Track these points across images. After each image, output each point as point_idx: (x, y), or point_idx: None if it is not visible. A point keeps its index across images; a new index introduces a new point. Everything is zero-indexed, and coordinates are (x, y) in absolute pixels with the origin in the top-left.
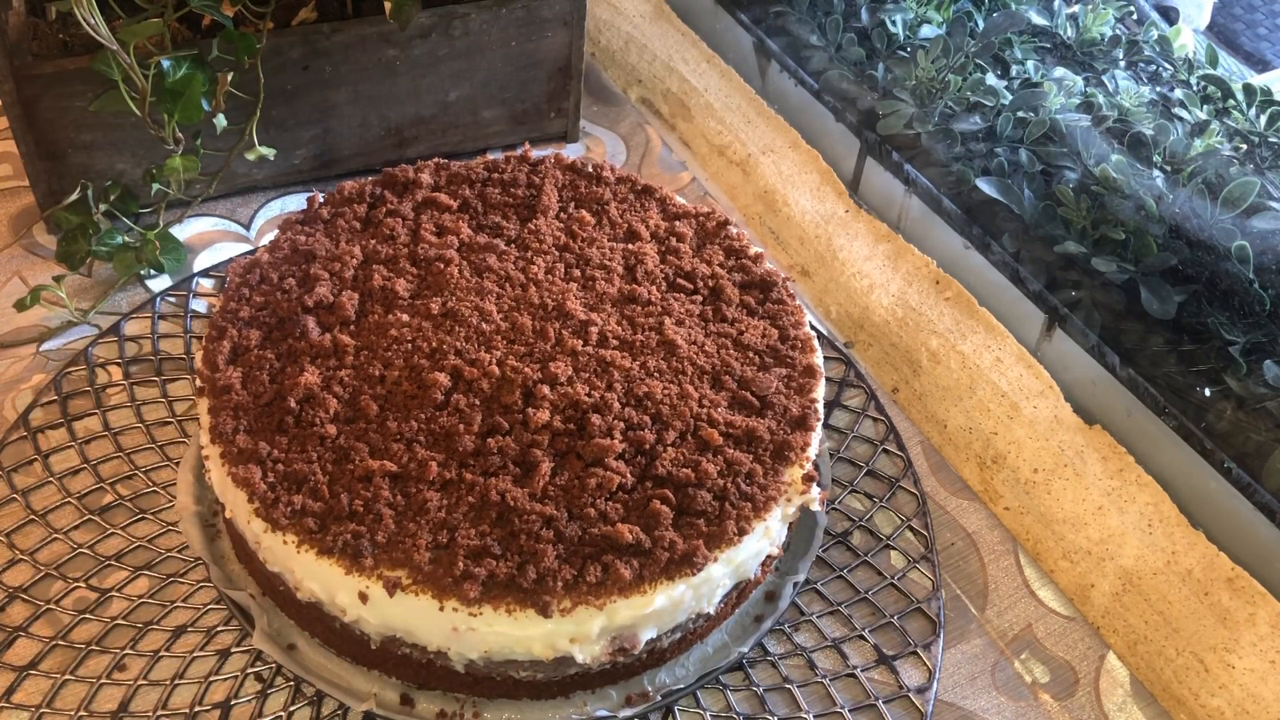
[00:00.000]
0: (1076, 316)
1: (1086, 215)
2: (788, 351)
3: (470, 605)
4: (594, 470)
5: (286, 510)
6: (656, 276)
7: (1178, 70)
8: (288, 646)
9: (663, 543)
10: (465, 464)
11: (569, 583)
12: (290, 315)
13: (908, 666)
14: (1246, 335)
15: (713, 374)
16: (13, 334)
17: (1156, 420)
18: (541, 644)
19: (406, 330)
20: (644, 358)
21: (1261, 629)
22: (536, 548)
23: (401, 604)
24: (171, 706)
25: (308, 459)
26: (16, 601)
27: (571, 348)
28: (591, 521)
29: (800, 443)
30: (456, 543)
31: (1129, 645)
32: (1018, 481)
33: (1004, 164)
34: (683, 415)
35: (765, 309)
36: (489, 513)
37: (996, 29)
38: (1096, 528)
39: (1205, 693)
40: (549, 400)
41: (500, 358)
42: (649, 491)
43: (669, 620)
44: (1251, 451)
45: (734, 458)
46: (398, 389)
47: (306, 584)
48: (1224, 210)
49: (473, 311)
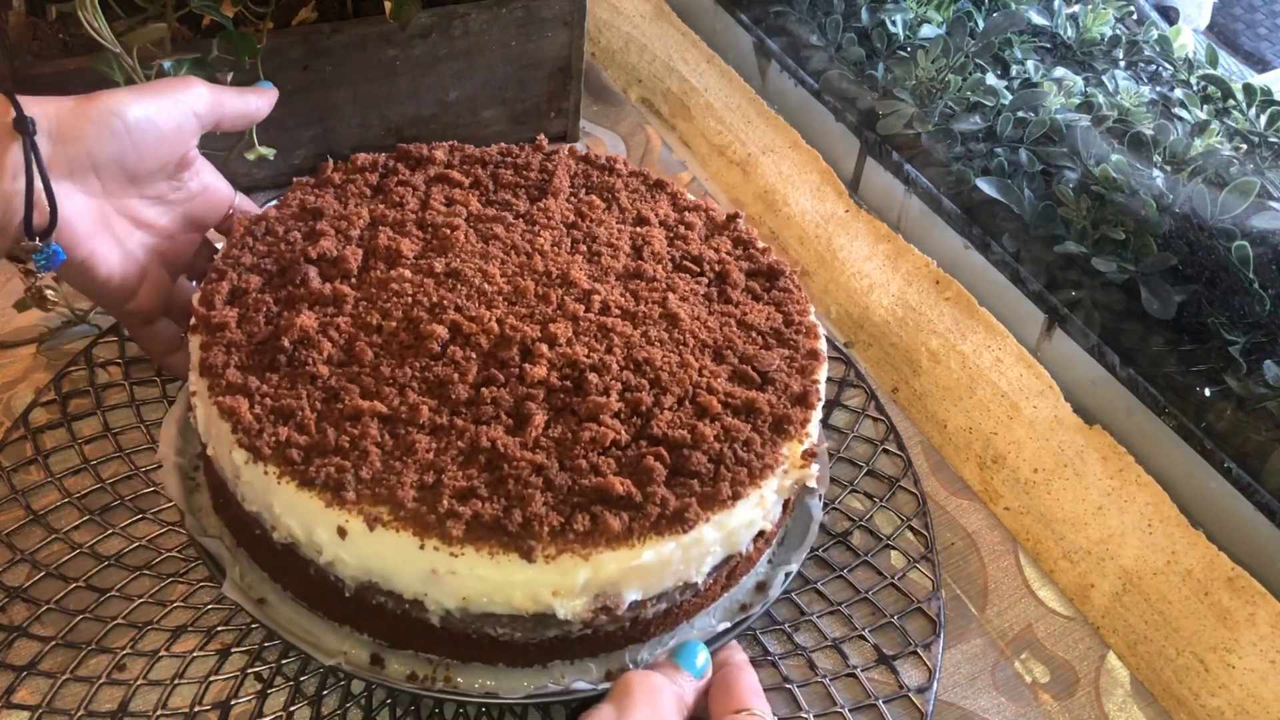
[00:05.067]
0: (1076, 316)
1: (1086, 215)
2: (791, 335)
3: (452, 545)
4: (588, 425)
5: (271, 440)
6: (663, 257)
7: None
8: (258, 600)
9: (654, 498)
10: (457, 411)
11: (556, 529)
12: (292, 264)
13: (908, 666)
14: (1246, 335)
15: (714, 348)
16: (13, 334)
17: (1156, 420)
18: (523, 593)
19: (408, 285)
20: (645, 327)
21: (1262, 629)
22: (525, 493)
23: (381, 541)
24: (171, 706)
25: (297, 396)
26: (16, 602)
27: (573, 312)
28: (583, 473)
29: (800, 418)
30: (443, 483)
31: (1129, 645)
32: (1018, 481)
33: (1004, 164)
34: (682, 382)
35: (771, 295)
36: (478, 458)
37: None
38: (1097, 528)
39: (1205, 692)
40: (547, 358)
41: (501, 316)
42: (643, 449)
43: (655, 582)
44: (1251, 451)
45: (732, 425)
46: (394, 339)
47: (285, 521)
48: (1224, 210)
49: (476, 273)
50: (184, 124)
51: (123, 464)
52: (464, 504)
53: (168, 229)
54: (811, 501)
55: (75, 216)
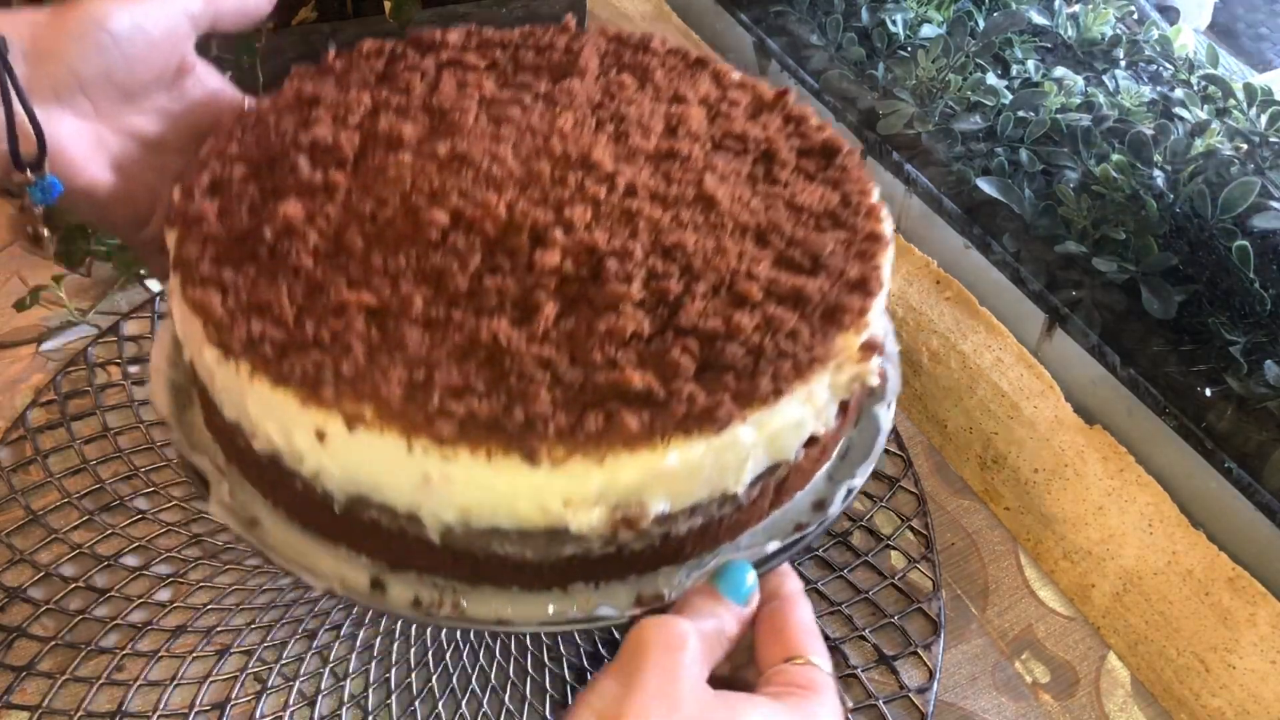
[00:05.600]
0: (1077, 316)
1: (1087, 215)
2: (849, 217)
3: (444, 446)
4: (606, 316)
5: (243, 335)
6: (701, 136)
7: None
8: (249, 520)
9: (680, 395)
10: (456, 303)
11: (564, 429)
12: (283, 153)
13: (908, 666)
14: (1247, 335)
15: (757, 231)
16: (12, 334)
17: (1157, 420)
18: (528, 502)
19: (407, 171)
20: (677, 210)
21: (1262, 629)
22: (528, 389)
23: (364, 444)
24: (169, 707)
25: (275, 289)
26: (15, 602)
27: (593, 195)
28: (597, 367)
29: (858, 306)
30: (434, 380)
31: (1130, 645)
32: (1018, 481)
33: (1004, 164)
34: (717, 269)
35: (826, 175)
36: (477, 353)
37: (997, 28)
38: (1097, 528)
39: (1206, 693)
40: (561, 245)
41: (510, 201)
42: (670, 342)
43: (685, 491)
44: (1252, 451)
45: (775, 315)
46: (389, 227)
47: (262, 426)
48: (1225, 210)
49: (485, 155)
50: (176, 27)
51: (122, 464)
52: (458, 401)
53: (176, 145)
54: (880, 411)
55: (68, 142)
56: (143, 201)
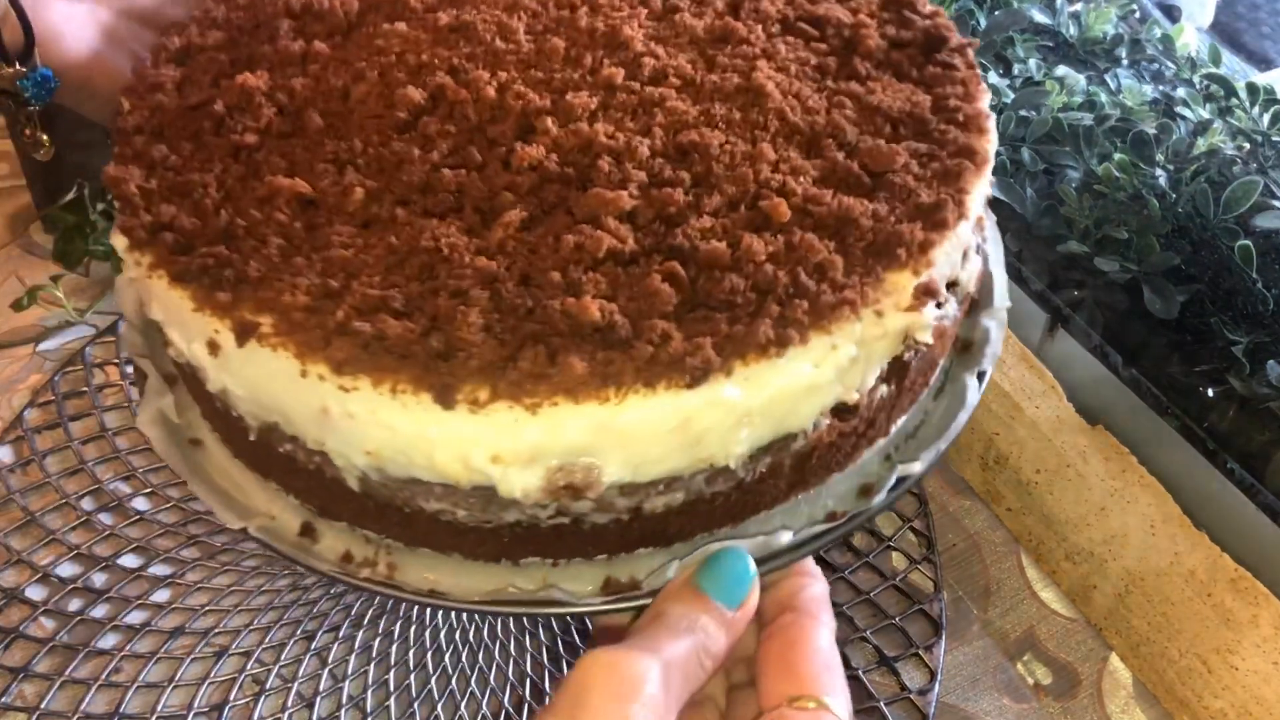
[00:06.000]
0: (1079, 316)
1: (1089, 214)
2: (939, 125)
3: (341, 374)
4: (581, 228)
5: (148, 220)
6: (769, 16)
7: (1180, 69)
8: (191, 441)
9: (650, 334)
10: (405, 200)
11: (491, 365)
12: (270, 19)
13: (909, 668)
14: (1250, 335)
15: (810, 136)
16: (10, 334)
17: (1159, 421)
18: (446, 453)
19: (397, 41)
20: (711, 104)
21: (1265, 630)
22: (457, 310)
23: (256, 361)
24: (167, 709)
25: (208, 169)
26: (13, 603)
27: (608, 79)
28: (551, 291)
29: (919, 238)
30: (349, 290)
31: (1131, 647)
32: (1020, 482)
33: (1006, 163)
34: (741, 179)
35: (923, 73)
36: (412, 261)
37: (998, 27)
38: (1099, 528)
39: (1208, 694)
40: (551, 137)
41: (504, 81)
42: (654, 265)
43: (650, 457)
44: (1255, 452)
45: (803, 242)
46: (360, 106)
47: (169, 331)
48: (1227, 209)
49: (491, 27)
50: None
51: (120, 465)
52: (368, 319)
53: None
54: (969, 380)
55: (63, 26)
56: None
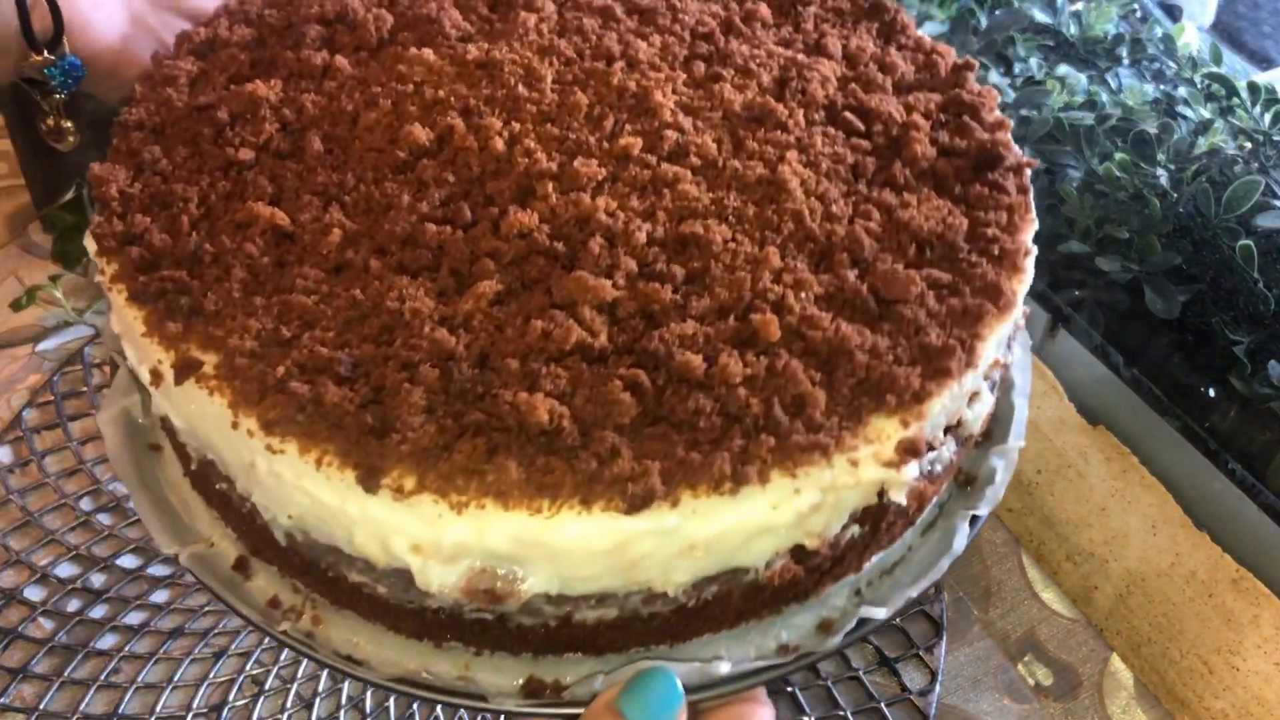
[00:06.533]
0: (1080, 316)
1: (1090, 214)
2: (969, 255)
3: (270, 434)
4: (555, 314)
5: (117, 230)
6: (815, 101)
7: (1182, 68)
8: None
9: (599, 446)
10: (383, 250)
11: (424, 451)
12: (303, 22)
13: (910, 669)
14: (1251, 335)
15: (823, 246)
16: (8, 334)
17: (1160, 421)
18: (367, 534)
19: (420, 69)
20: (726, 192)
21: (1266, 631)
22: (401, 385)
23: (192, 401)
24: (166, 710)
25: (193, 182)
26: (12, 604)
27: (624, 149)
28: (505, 378)
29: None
30: (299, 342)
31: (1133, 647)
32: (1021, 483)
33: None
34: (738, 284)
35: (969, 192)
36: (372, 321)
37: (999, 26)
38: (1100, 529)
39: (1209, 695)
40: (547, 204)
41: (515, 133)
42: (620, 369)
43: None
44: (1256, 452)
45: (786, 368)
46: (364, 135)
47: (125, 347)
48: (1228, 209)
49: (518, 70)
50: None
51: None
52: (308, 379)
53: None
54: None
55: (92, 14)
56: None
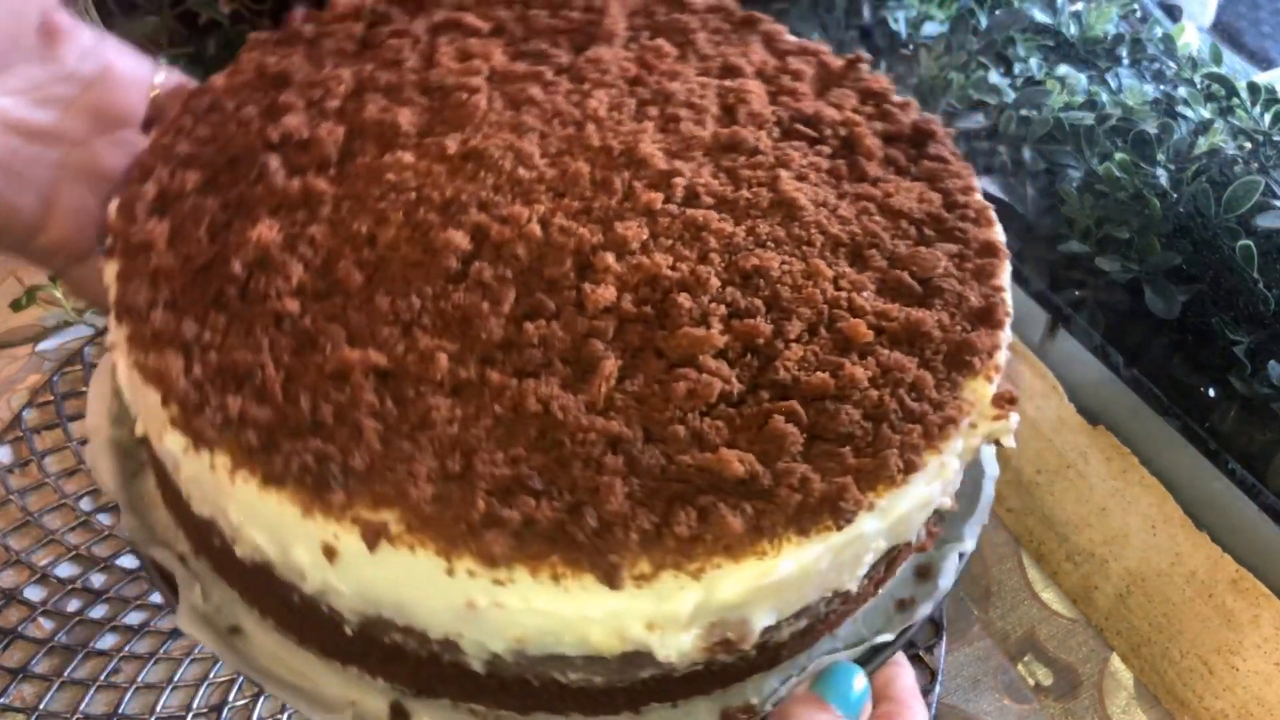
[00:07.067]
0: (1080, 316)
1: (1090, 214)
2: (956, 222)
3: (495, 567)
4: (682, 372)
5: (217, 417)
6: (766, 120)
7: (1181, 68)
8: (230, 629)
9: (790, 479)
10: (490, 359)
11: (648, 535)
12: (247, 153)
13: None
14: (1251, 335)
15: (852, 247)
16: (8, 334)
17: (1160, 421)
18: (604, 630)
19: (410, 174)
20: (752, 221)
21: (1266, 631)
22: (599, 481)
23: (388, 564)
24: (167, 709)
25: (254, 346)
26: (12, 604)
27: (647, 204)
28: (681, 445)
29: (987, 344)
30: (475, 471)
31: (1132, 647)
32: (1021, 482)
33: (1007, 162)
34: (812, 300)
35: (920, 167)
36: (526, 429)
37: (999, 26)
38: (1100, 529)
39: (1209, 695)
40: (615, 273)
41: (545, 214)
42: (766, 405)
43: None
44: (1256, 453)
45: (892, 361)
46: (393, 253)
47: (247, 532)
48: (1228, 209)
49: (505, 153)
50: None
51: None
52: (509, 504)
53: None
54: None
55: None
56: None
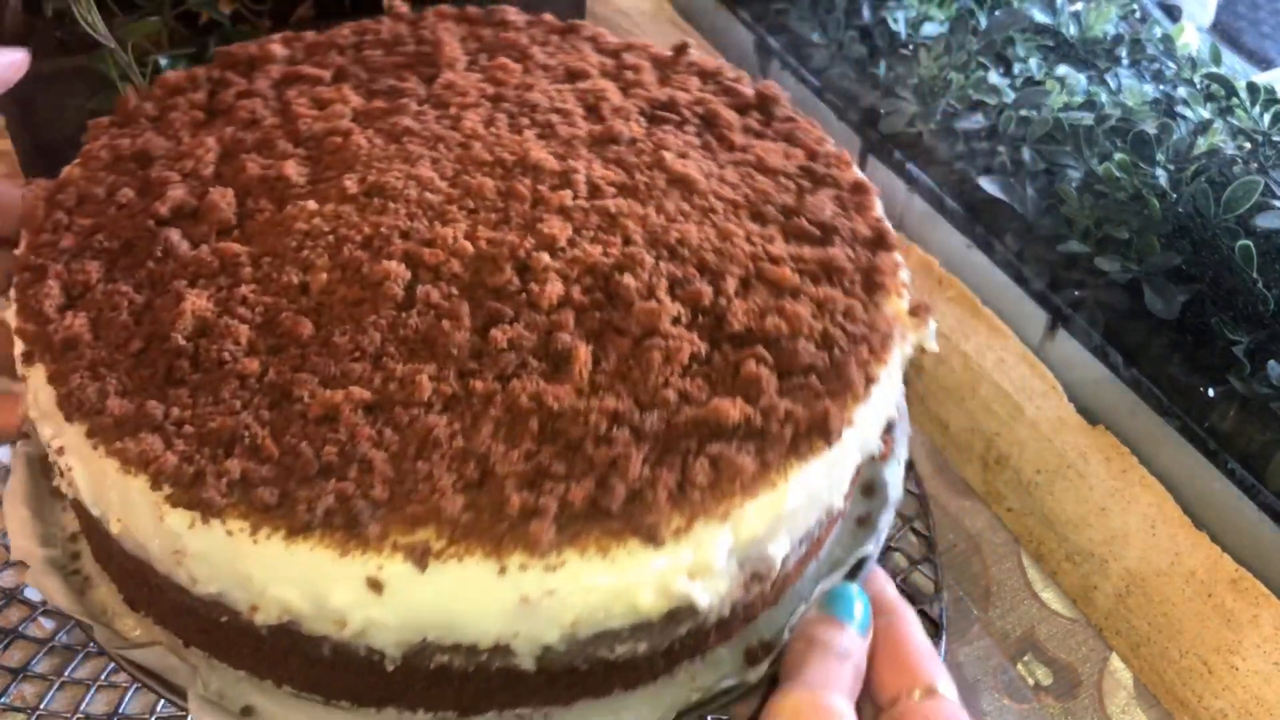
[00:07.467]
0: (1080, 316)
1: (1089, 214)
2: (824, 170)
3: (545, 555)
4: (650, 343)
5: (221, 483)
6: (629, 112)
7: (1181, 68)
8: (243, 711)
9: (777, 414)
10: (469, 372)
11: (673, 492)
12: (140, 233)
13: None
14: (1251, 335)
15: (749, 207)
16: None
17: (1160, 421)
18: (654, 590)
19: (320, 220)
20: (657, 201)
21: (1266, 630)
22: (614, 455)
23: (440, 580)
24: (167, 709)
25: (228, 410)
26: (12, 603)
27: (560, 203)
28: (673, 407)
29: (890, 266)
30: (496, 474)
31: (1132, 647)
32: (1020, 482)
33: (1007, 163)
34: (736, 258)
35: (775, 129)
36: (527, 426)
37: (999, 27)
38: (1099, 529)
39: (1209, 695)
40: (554, 270)
41: (468, 231)
42: (732, 356)
43: (802, 522)
44: (1256, 452)
45: (823, 296)
46: (332, 297)
47: (274, 595)
48: (1228, 209)
49: (407, 181)
50: None
51: None
52: (540, 493)
53: None
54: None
55: None
56: None
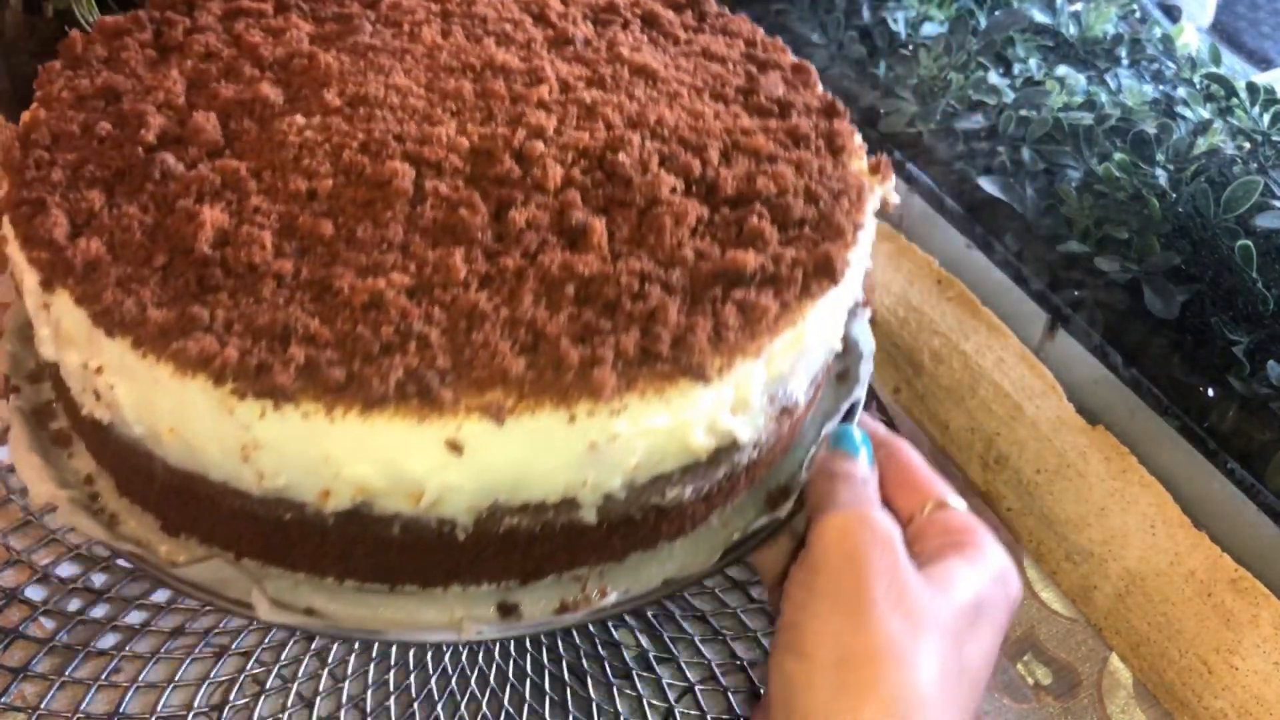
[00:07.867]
0: (1079, 316)
1: (1089, 214)
2: (763, 55)
3: (610, 400)
4: (657, 212)
5: (290, 369)
6: (574, 16)
7: (1181, 68)
8: (306, 611)
9: (785, 260)
10: (495, 252)
11: (712, 334)
12: (131, 161)
13: None
14: (1250, 335)
15: (710, 89)
16: None
17: (1160, 421)
18: (704, 427)
19: (311, 132)
20: (627, 90)
21: (1265, 630)
22: (651, 307)
23: (515, 435)
24: (168, 709)
25: (273, 307)
26: (13, 603)
27: (538, 98)
28: (692, 262)
29: (846, 130)
30: (548, 335)
31: (1132, 647)
32: (1020, 482)
33: (1006, 163)
34: (712, 133)
35: (709, 24)
36: (563, 291)
37: (999, 27)
38: (1099, 529)
39: (1208, 694)
40: (551, 156)
41: (459, 128)
42: (732, 215)
43: (816, 360)
44: (1255, 452)
45: (797, 158)
46: (341, 199)
47: (349, 474)
48: (1227, 209)
49: (387, 91)
50: None
51: None
52: (594, 345)
53: None
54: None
55: None
56: None
